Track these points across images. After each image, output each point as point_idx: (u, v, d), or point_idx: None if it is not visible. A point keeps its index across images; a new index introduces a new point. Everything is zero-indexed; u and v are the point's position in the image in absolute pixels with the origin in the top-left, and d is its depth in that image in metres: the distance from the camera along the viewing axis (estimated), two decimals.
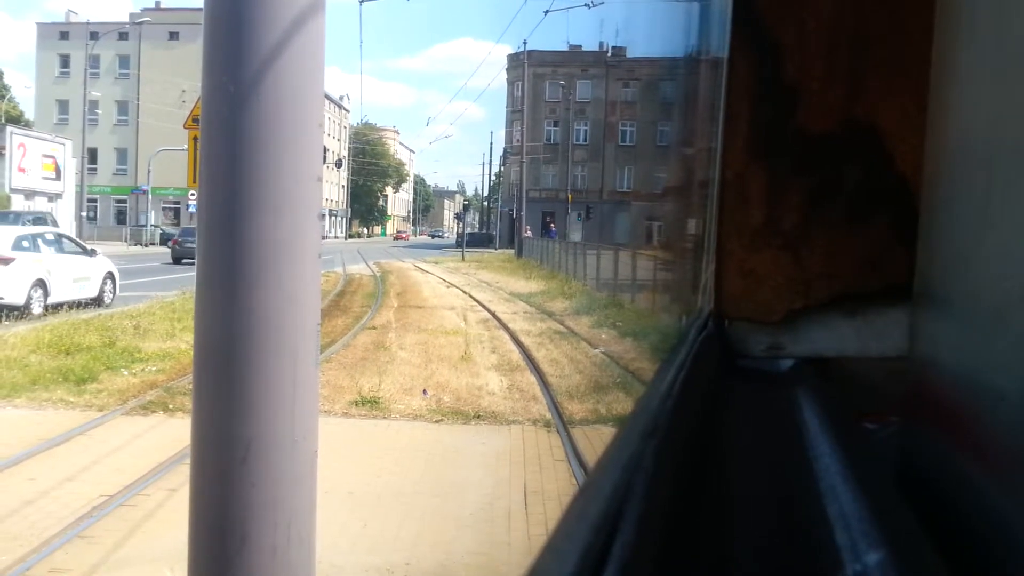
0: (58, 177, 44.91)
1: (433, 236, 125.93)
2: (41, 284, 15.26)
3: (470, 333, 14.23)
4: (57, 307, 15.59)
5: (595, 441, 7.51)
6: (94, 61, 56.61)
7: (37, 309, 15.06)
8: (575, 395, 9.51)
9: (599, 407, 9.02)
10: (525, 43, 52.03)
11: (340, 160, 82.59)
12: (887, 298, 0.92)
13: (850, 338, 0.94)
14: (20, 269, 14.85)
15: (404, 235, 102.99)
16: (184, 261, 28.91)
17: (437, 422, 8.38)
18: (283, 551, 2.68)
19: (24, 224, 24.42)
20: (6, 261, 14.66)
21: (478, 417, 8.57)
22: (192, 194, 18.71)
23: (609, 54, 58.10)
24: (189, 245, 29.05)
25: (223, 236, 2.66)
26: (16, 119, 55.88)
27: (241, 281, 2.64)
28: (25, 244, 15.42)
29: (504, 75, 65.55)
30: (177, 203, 58.99)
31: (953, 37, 0.75)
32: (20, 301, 14.73)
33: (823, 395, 0.82)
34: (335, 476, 5.95)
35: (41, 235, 16.56)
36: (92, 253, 17.58)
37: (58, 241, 16.83)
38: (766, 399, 0.88)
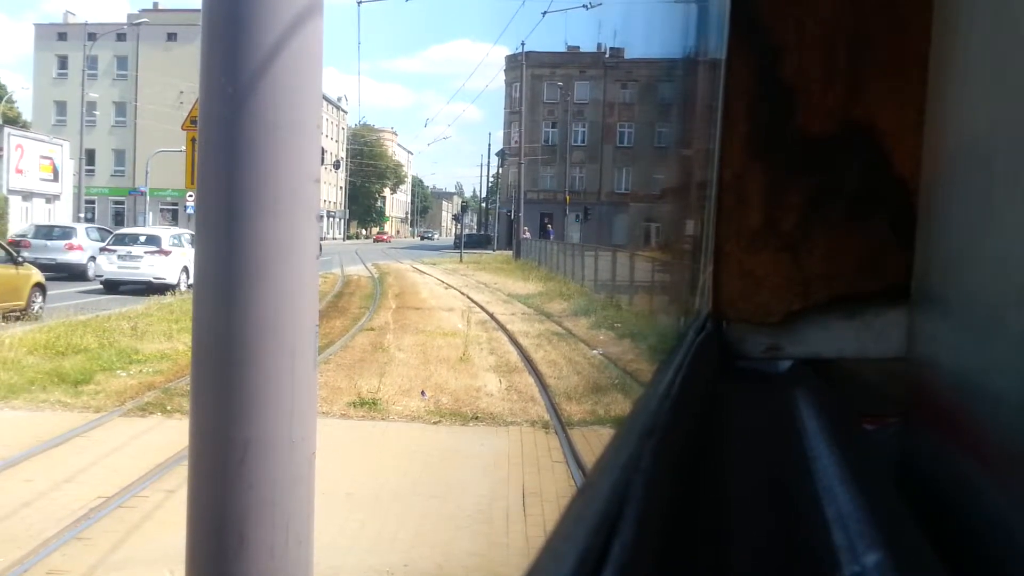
0: (56, 178, 44.86)
1: (423, 238, 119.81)
2: (185, 270, 20.71)
3: (468, 334, 14.22)
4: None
5: (593, 442, 7.51)
6: (92, 62, 56.44)
7: (183, 287, 20.26)
8: (573, 396, 9.51)
9: (597, 408, 9.02)
10: (523, 44, 52.24)
11: (338, 161, 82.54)
12: (886, 299, 0.92)
13: (849, 339, 0.94)
14: (175, 258, 21.17)
15: (386, 236, 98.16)
16: None
17: (435, 423, 8.38)
18: (281, 552, 2.68)
19: None
20: (167, 253, 21.20)
21: (476, 418, 8.57)
22: (190, 195, 20.65)
23: (607, 55, 58.11)
24: None
25: (221, 237, 2.66)
26: (14, 120, 55.80)
27: (239, 282, 2.64)
28: (174, 241, 21.79)
29: (502, 76, 65.60)
30: (175, 204, 58.85)
31: (951, 38, 0.75)
32: (175, 281, 20.82)
33: (821, 396, 0.82)
34: (333, 477, 5.94)
35: (182, 234, 22.50)
36: None
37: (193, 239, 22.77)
38: (764, 400, 0.88)
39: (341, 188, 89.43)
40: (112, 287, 20.72)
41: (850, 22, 0.92)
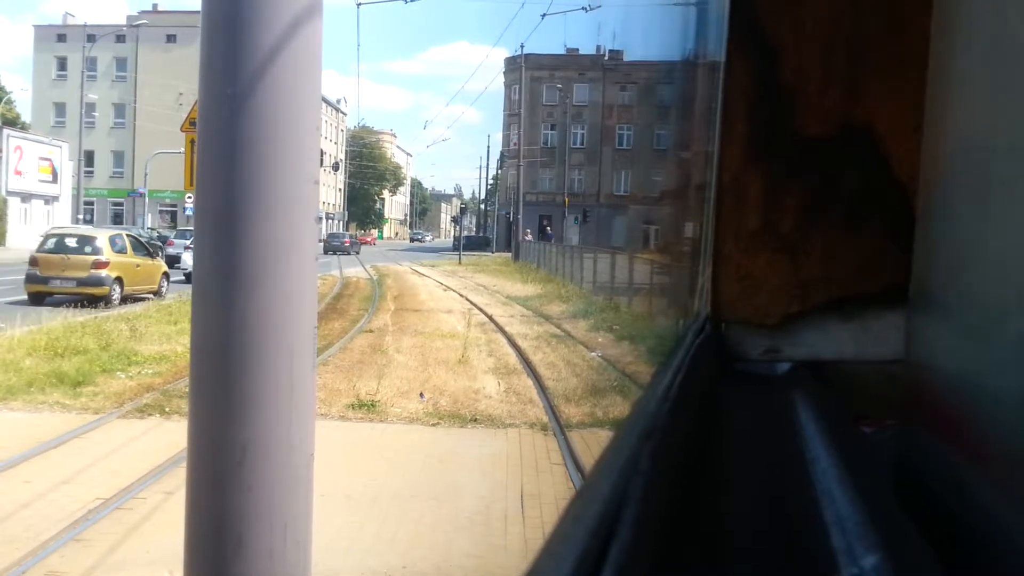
0: (55, 180, 44.88)
1: (413, 239, 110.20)
2: None
3: (467, 336, 14.21)
4: None
5: (592, 444, 7.51)
6: (91, 63, 56.39)
7: None
8: (572, 398, 9.51)
9: (596, 410, 9.01)
10: (522, 46, 52.24)
11: (337, 163, 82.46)
12: (884, 301, 0.92)
13: (847, 341, 0.94)
14: None
15: (369, 239, 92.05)
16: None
17: (434, 425, 8.37)
18: (279, 554, 2.68)
19: None
20: None
21: (475, 420, 8.56)
22: (189, 197, 20.88)
23: (606, 58, 58.05)
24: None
25: (220, 239, 2.66)
26: (13, 121, 55.78)
27: (238, 284, 2.63)
28: None
29: (501, 78, 65.63)
30: (174, 206, 58.84)
31: (950, 40, 0.75)
32: None
33: (820, 398, 0.82)
34: (332, 479, 5.93)
35: None
36: None
37: None
38: (763, 402, 0.88)
39: (340, 190, 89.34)
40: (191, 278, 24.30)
41: (849, 23, 0.92)
